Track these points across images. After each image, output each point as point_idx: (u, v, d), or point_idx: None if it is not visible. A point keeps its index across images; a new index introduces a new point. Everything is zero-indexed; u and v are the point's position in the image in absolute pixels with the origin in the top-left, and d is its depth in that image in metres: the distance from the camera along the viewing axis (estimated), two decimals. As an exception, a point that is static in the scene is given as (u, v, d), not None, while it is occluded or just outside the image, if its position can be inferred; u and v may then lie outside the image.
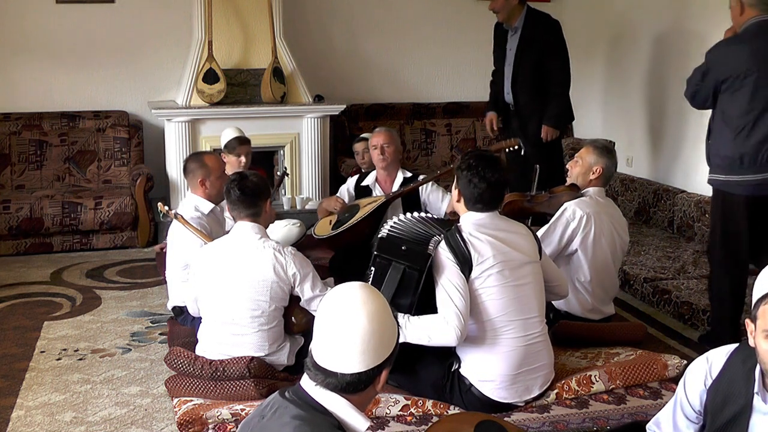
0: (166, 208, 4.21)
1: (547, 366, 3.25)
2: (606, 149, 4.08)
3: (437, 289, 3.07)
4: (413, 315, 3.09)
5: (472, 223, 3.17)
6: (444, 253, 3.07)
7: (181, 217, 3.99)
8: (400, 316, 3.08)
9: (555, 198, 4.01)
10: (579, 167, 4.03)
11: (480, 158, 3.19)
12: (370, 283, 3.17)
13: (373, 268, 3.20)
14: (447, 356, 3.23)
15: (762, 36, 3.78)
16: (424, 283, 3.09)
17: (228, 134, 5.10)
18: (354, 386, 1.82)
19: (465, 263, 3.05)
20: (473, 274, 3.07)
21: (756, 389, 2.23)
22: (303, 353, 3.57)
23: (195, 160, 4.24)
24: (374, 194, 4.82)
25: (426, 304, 3.12)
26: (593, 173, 3.98)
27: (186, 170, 4.23)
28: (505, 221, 3.27)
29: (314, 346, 1.86)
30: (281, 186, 6.16)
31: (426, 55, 7.25)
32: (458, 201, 3.23)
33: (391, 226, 3.28)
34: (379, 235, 3.31)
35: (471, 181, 3.14)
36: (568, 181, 4.08)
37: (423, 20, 7.20)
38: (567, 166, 4.16)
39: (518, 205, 4.13)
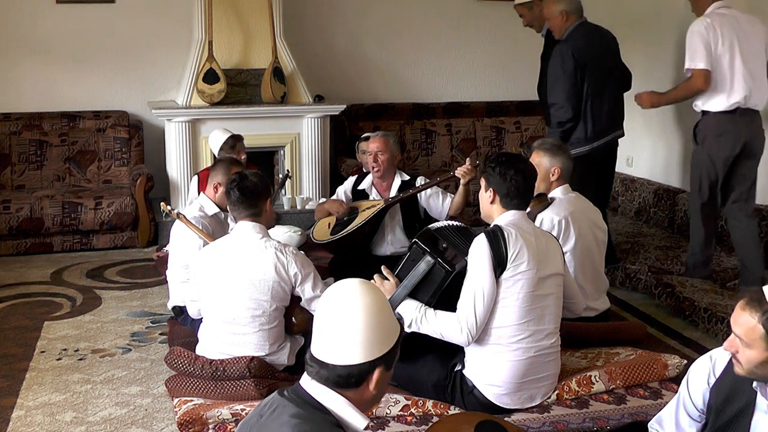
0: (169, 207, 4.21)
1: (553, 376, 3.25)
2: (555, 146, 3.97)
3: (465, 285, 3.05)
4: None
5: (509, 223, 3.11)
6: (483, 248, 3.02)
7: (183, 216, 3.99)
8: (417, 308, 3.10)
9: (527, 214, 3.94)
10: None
11: (506, 155, 3.19)
12: (400, 266, 3.22)
13: (408, 253, 3.23)
14: (450, 356, 3.23)
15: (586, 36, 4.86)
16: (446, 288, 3.11)
17: (219, 136, 5.03)
18: (345, 380, 1.80)
19: (500, 262, 3.01)
20: (505, 275, 3.02)
21: (758, 387, 2.23)
22: (303, 353, 3.56)
23: (223, 165, 4.17)
24: (371, 198, 4.76)
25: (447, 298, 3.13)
26: (553, 175, 3.88)
27: (213, 165, 4.33)
28: (538, 228, 3.26)
29: (312, 338, 1.87)
30: (283, 187, 6.15)
31: (426, 55, 7.25)
32: (492, 202, 3.16)
33: (443, 225, 3.31)
34: (429, 226, 3.33)
35: (505, 175, 3.09)
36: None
37: (423, 20, 7.19)
38: None
39: None
